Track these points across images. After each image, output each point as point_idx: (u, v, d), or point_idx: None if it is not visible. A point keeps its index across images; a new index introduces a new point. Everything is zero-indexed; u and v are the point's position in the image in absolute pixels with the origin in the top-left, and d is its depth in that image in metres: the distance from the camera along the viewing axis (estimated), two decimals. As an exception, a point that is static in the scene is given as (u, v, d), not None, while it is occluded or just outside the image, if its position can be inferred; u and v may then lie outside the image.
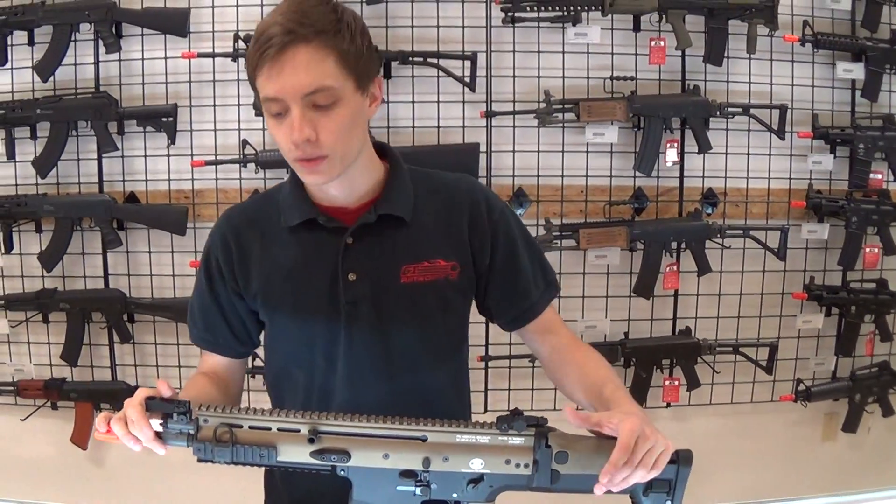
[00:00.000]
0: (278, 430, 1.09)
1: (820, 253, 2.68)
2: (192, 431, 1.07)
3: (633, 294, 2.56)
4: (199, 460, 1.07)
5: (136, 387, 2.59)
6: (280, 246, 1.33)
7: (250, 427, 1.08)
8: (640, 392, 2.54)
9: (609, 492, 1.12)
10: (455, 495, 1.11)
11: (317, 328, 1.31)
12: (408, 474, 1.10)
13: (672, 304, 2.62)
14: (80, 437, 2.57)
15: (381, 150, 1.36)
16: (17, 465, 2.64)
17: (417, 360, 1.33)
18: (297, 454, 1.09)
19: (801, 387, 2.65)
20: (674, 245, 2.54)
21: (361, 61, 1.20)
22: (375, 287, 1.30)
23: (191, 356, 2.55)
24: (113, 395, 2.55)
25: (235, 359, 1.41)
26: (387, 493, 1.11)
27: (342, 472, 1.10)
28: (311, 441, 1.09)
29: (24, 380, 2.57)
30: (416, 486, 1.10)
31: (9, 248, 2.53)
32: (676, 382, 2.60)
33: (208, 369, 1.40)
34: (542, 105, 2.44)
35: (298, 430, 1.09)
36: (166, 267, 2.56)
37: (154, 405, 1.07)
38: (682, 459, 1.12)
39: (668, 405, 2.62)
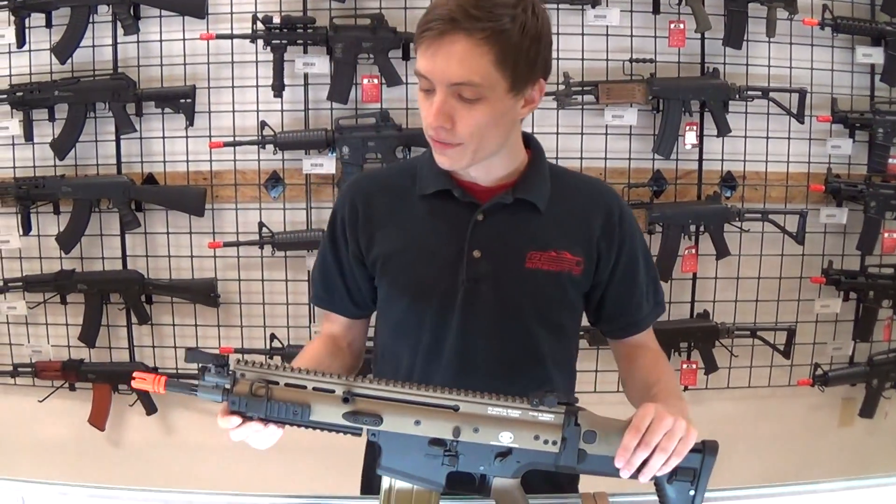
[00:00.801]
0: (313, 389, 1.09)
1: (838, 237, 2.66)
2: (227, 385, 1.07)
3: (651, 277, 2.54)
4: (231, 412, 1.07)
5: (154, 368, 2.60)
6: (410, 213, 1.34)
7: (286, 384, 1.09)
8: (657, 375, 2.52)
9: (636, 478, 1.11)
10: (482, 468, 1.11)
11: (431, 301, 1.32)
12: (437, 443, 1.10)
13: (690, 287, 2.62)
14: (98, 419, 2.59)
15: (527, 140, 1.36)
16: (35, 446, 2.65)
17: (531, 351, 1.32)
18: (330, 414, 1.09)
19: (819, 371, 2.65)
20: (692, 228, 2.54)
21: (523, 64, 1.18)
22: (499, 268, 1.30)
23: (208, 337, 2.57)
24: (131, 376, 2.54)
25: (353, 318, 1.43)
26: (415, 460, 1.11)
27: (373, 437, 1.11)
28: (346, 401, 1.09)
29: (42, 361, 2.58)
30: (445, 455, 1.10)
31: (27, 229, 2.53)
32: (694, 366, 2.60)
33: (326, 333, 1.44)
34: (562, 87, 2.43)
35: (333, 391, 1.09)
36: (184, 248, 2.56)
37: (193, 356, 1.08)
38: (707, 449, 1.12)
39: (686, 388, 2.61)
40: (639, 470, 1.10)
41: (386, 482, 1.13)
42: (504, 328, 1.31)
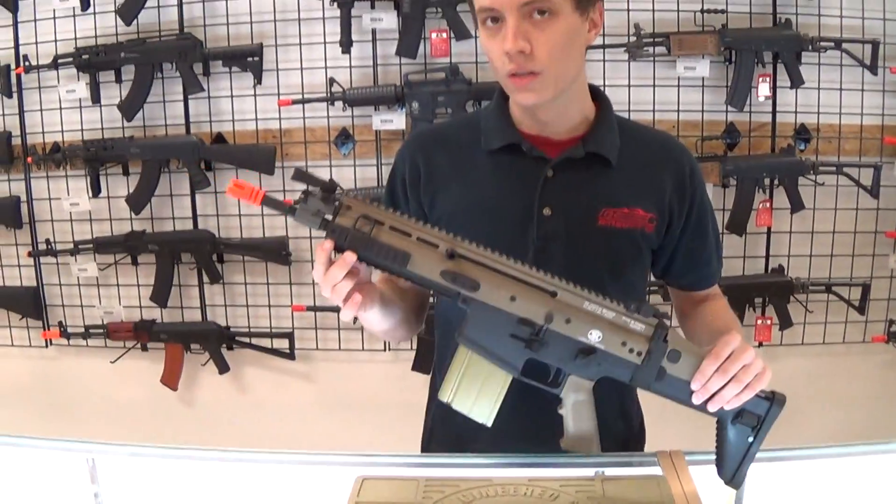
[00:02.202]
0: (418, 239, 1.05)
1: (914, 191, 2.61)
2: (329, 215, 1.04)
3: (725, 231, 2.51)
4: (330, 243, 1.03)
5: (227, 327, 2.61)
6: (475, 170, 1.29)
7: (391, 227, 1.05)
8: (731, 331, 2.50)
9: (704, 411, 1.09)
10: (561, 362, 1.09)
11: None
12: (526, 324, 1.07)
13: (765, 241, 2.58)
14: (171, 378, 2.61)
15: (595, 93, 1.33)
16: (108, 406, 2.68)
17: None
18: (429, 269, 1.05)
19: (894, 328, 2.60)
20: (766, 181, 2.50)
21: None
22: (571, 225, 1.26)
23: (280, 295, 2.57)
24: (203, 335, 2.58)
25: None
26: (498, 337, 1.08)
27: (463, 304, 1.07)
28: (450, 257, 1.05)
29: (113, 322, 2.61)
30: (530, 338, 1.07)
31: (97, 191, 2.55)
32: (769, 321, 2.56)
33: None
34: (633, 39, 2.40)
35: (437, 246, 1.06)
36: (255, 207, 2.53)
37: (300, 174, 1.04)
38: (776, 399, 1.10)
39: (760, 344, 2.58)
40: (709, 400, 1.08)
41: (462, 355, 1.10)
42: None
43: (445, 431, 1.41)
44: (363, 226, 1.04)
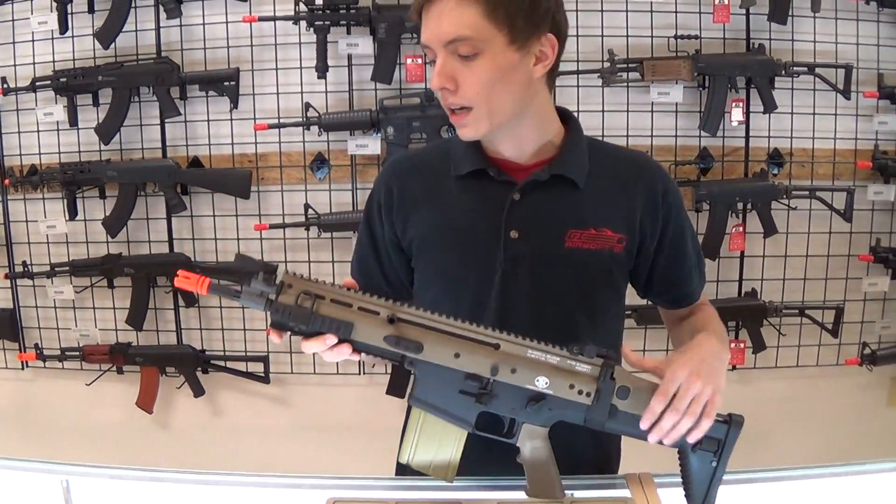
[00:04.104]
0: (359, 308, 1.08)
1: (886, 214, 2.63)
2: (272, 296, 1.06)
3: (698, 255, 2.52)
4: (273, 325, 1.07)
5: (202, 351, 2.61)
6: (445, 194, 1.31)
7: (332, 300, 1.08)
8: (705, 354, 2.50)
9: (661, 443, 1.11)
10: (513, 411, 1.10)
11: (468, 284, 1.29)
12: (473, 378, 1.09)
13: (738, 265, 2.59)
14: (146, 401, 2.60)
15: (564, 115, 1.34)
16: (84, 429, 2.67)
17: (570, 334, 1.28)
18: (372, 335, 1.08)
19: (867, 350, 2.62)
20: (740, 206, 2.51)
21: (519, 15, 1.17)
22: (537, 248, 1.27)
23: (255, 319, 2.57)
24: (178, 359, 2.57)
25: None
26: (448, 395, 1.10)
27: (409, 366, 1.10)
28: (391, 322, 1.08)
29: (89, 345, 2.60)
30: (479, 391, 1.09)
31: (73, 214, 2.55)
32: (742, 345, 2.57)
33: None
34: (606, 64, 2.42)
35: (378, 313, 1.08)
36: (230, 231, 2.57)
37: (241, 260, 1.08)
38: (733, 421, 1.12)
39: (734, 368, 2.59)
40: (666, 435, 1.09)
41: (416, 415, 1.12)
42: (543, 310, 1.28)
43: None
44: (304, 301, 1.06)
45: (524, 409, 1.10)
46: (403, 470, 1.42)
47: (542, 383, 1.09)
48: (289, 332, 1.08)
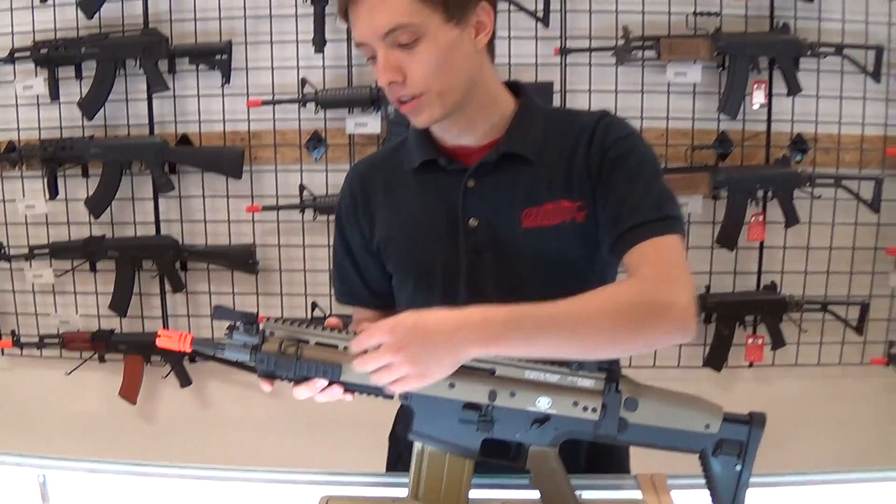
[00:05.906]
0: (345, 348, 1.06)
1: (916, 206, 2.52)
2: (255, 344, 1.06)
3: (715, 245, 2.43)
4: (261, 374, 1.06)
5: (189, 338, 2.52)
6: (403, 191, 1.29)
7: (317, 343, 1.07)
8: (721, 350, 2.42)
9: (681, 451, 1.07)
10: (518, 435, 1.09)
11: (436, 279, 1.26)
12: (472, 407, 1.07)
13: (757, 256, 2.49)
14: (130, 392, 2.52)
15: (515, 87, 1.29)
16: (63, 420, 2.60)
17: None
18: (361, 375, 1.05)
19: (894, 349, 2.51)
20: (760, 193, 2.42)
21: None
22: (497, 233, 1.23)
23: (247, 306, 2.48)
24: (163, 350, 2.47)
25: (380, 310, 1.35)
26: (448, 425, 1.08)
27: (405, 401, 1.08)
28: None
29: (69, 332, 2.53)
30: (480, 420, 1.07)
31: (54, 193, 2.47)
32: (760, 341, 2.47)
33: (358, 320, 1.39)
34: (621, 42, 2.34)
35: (367, 351, 1.05)
36: (221, 212, 2.50)
37: (221, 313, 1.06)
38: (754, 421, 1.08)
39: (751, 365, 2.50)
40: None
41: (418, 448, 1.11)
42: (515, 297, 1.12)
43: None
44: (288, 348, 1.05)
45: (529, 432, 1.08)
46: (395, 464, 1.40)
47: (543, 404, 1.07)
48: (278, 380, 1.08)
